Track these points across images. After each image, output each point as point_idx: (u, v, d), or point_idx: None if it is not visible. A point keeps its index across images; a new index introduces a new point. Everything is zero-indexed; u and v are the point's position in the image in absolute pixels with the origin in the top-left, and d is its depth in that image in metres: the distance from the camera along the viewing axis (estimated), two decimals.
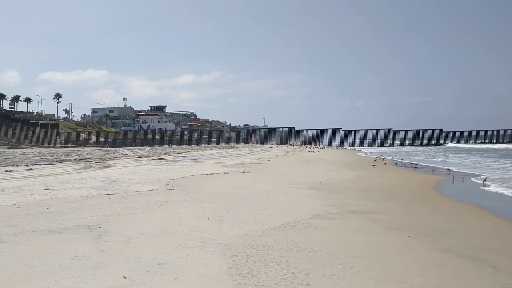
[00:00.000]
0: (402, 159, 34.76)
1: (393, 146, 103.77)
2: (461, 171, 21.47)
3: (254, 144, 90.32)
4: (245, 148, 55.18)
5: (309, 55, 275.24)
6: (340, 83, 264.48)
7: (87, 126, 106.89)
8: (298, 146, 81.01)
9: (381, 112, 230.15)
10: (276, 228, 6.56)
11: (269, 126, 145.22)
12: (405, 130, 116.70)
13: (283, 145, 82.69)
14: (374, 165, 25.16)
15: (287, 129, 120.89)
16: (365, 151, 66.03)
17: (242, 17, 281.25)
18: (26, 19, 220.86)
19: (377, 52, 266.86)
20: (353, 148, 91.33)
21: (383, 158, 33.96)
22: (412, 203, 10.40)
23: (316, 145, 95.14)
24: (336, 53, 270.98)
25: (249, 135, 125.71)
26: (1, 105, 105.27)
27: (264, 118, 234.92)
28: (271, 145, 78.43)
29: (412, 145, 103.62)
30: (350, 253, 5.22)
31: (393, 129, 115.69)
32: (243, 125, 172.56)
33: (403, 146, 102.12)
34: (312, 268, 4.56)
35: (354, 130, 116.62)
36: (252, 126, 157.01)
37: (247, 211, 7.91)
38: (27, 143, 66.55)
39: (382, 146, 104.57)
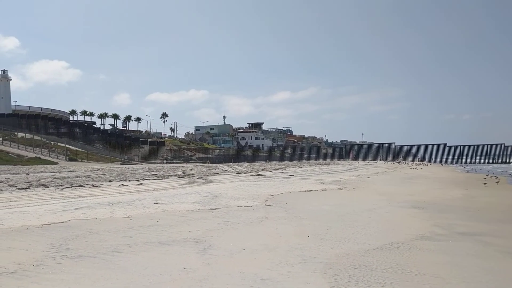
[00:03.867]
0: None
1: (506, 163, 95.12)
2: None
3: (352, 161, 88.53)
4: (343, 165, 54.30)
5: (410, 68, 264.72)
6: (444, 96, 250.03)
7: (190, 143, 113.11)
8: (399, 162, 77.88)
9: (491, 126, 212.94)
10: (379, 248, 6.35)
11: (367, 141, 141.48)
12: None
13: (383, 162, 79.99)
14: (485, 184, 23.29)
15: (387, 144, 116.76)
16: (473, 168, 61.39)
17: (337, 33, 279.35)
18: (134, 45, 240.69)
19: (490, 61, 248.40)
20: (460, 164, 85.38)
21: (496, 176, 31.33)
22: None
23: (418, 161, 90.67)
24: (442, 63, 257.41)
25: (346, 151, 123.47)
26: (115, 125, 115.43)
27: (362, 134, 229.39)
28: (370, 162, 76.33)
29: None
30: (460, 278, 4.88)
31: (505, 144, 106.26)
32: (340, 141, 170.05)
33: None
34: None
35: (460, 146, 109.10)
36: (350, 142, 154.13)
37: (347, 230, 7.76)
38: (137, 160, 71.96)
39: (493, 163, 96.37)
